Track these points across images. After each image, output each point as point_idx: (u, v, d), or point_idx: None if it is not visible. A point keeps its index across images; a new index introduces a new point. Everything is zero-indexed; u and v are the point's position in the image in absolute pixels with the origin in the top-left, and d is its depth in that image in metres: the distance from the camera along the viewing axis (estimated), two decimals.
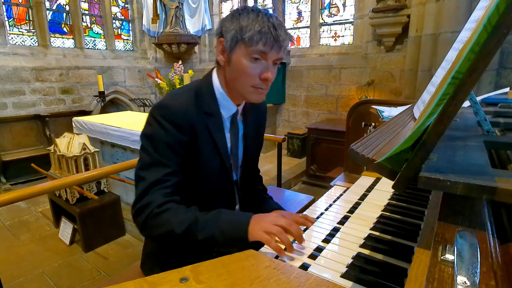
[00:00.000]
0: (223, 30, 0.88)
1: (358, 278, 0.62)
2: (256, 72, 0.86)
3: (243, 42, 0.83)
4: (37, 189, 1.40)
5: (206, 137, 0.92)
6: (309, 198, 1.77)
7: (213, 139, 0.93)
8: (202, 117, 0.91)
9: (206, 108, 0.92)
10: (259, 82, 0.88)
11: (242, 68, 0.86)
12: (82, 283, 2.04)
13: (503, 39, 0.39)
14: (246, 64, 0.85)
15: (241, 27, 0.83)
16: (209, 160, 0.94)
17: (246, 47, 0.84)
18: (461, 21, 2.74)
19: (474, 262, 0.36)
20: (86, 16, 5.22)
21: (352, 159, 0.61)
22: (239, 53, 0.86)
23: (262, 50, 0.83)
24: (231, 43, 0.86)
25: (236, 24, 0.84)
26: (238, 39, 0.84)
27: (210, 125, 0.92)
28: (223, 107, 0.96)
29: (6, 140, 4.02)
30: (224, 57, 0.90)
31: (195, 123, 0.89)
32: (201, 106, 0.92)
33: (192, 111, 0.89)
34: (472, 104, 0.82)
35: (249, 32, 0.82)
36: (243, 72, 0.86)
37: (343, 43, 4.59)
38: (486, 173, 0.46)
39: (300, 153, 4.50)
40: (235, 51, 0.86)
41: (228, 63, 0.89)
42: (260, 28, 0.81)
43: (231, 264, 0.51)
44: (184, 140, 0.88)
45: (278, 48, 0.85)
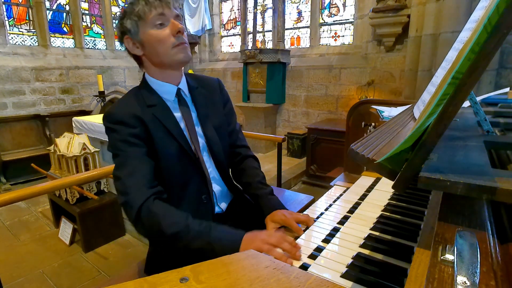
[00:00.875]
0: (123, 29, 0.97)
1: (358, 278, 0.62)
2: (166, 33, 0.94)
3: (139, 19, 0.93)
4: (37, 189, 1.40)
5: (156, 125, 0.96)
6: (309, 198, 1.77)
7: (164, 125, 0.97)
8: (146, 110, 0.97)
9: (148, 101, 0.98)
10: (175, 39, 0.95)
11: (154, 38, 0.94)
12: (82, 283, 2.04)
13: (503, 39, 0.39)
14: (155, 32, 0.94)
15: (131, 12, 0.94)
16: (166, 146, 0.97)
17: (145, 21, 0.93)
18: (461, 21, 2.74)
19: (474, 262, 0.36)
20: (86, 16, 5.22)
21: (352, 159, 0.61)
22: (143, 31, 0.94)
23: (156, 13, 0.92)
24: (133, 29, 0.95)
25: (127, 16, 0.95)
26: (136, 21, 0.94)
27: (156, 114, 0.97)
28: (164, 93, 1.02)
29: (6, 140, 4.02)
30: (137, 46, 0.98)
31: (140, 115, 0.95)
32: (142, 101, 0.98)
33: (134, 107, 0.96)
34: (472, 104, 0.82)
35: (137, 9, 0.92)
36: (157, 39, 0.94)
37: (343, 43, 4.59)
38: (486, 173, 0.46)
39: (300, 153, 4.50)
40: (140, 32, 0.95)
41: (143, 47, 0.97)
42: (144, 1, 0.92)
43: (231, 264, 0.51)
44: (136, 133, 0.93)
45: (167, 4, 0.94)
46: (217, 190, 1.11)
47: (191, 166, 1.02)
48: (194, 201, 1.04)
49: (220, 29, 6.04)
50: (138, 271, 1.12)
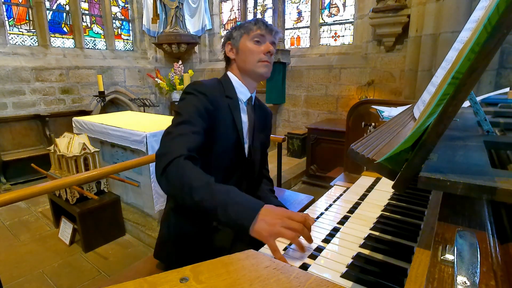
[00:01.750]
0: (229, 35, 1.19)
1: (358, 278, 0.62)
2: (259, 49, 1.13)
3: (245, 33, 1.15)
4: (37, 189, 1.40)
5: (226, 113, 1.12)
6: (309, 198, 1.78)
7: (233, 116, 1.13)
8: (224, 99, 1.13)
9: (227, 92, 1.15)
10: (264, 56, 1.13)
11: (249, 49, 1.14)
12: (82, 283, 2.04)
13: (503, 39, 0.39)
14: (251, 46, 1.14)
15: (241, 27, 1.17)
16: (227, 133, 1.11)
17: (248, 35, 1.14)
18: (461, 21, 2.74)
19: (474, 262, 0.36)
20: (86, 16, 5.22)
21: (352, 159, 0.61)
22: (243, 41, 1.15)
23: (259, 33, 1.13)
24: (236, 38, 1.16)
25: (239, 28, 1.18)
26: (241, 33, 1.16)
27: (230, 105, 1.13)
28: (240, 93, 1.18)
29: (6, 140, 4.02)
30: (233, 52, 1.18)
31: (218, 99, 1.10)
32: (223, 90, 1.15)
33: (218, 92, 1.13)
34: (472, 104, 0.82)
35: (247, 26, 1.15)
36: (251, 51, 1.14)
37: (343, 43, 4.59)
38: (486, 173, 0.46)
39: (300, 153, 4.50)
40: (241, 41, 1.15)
41: (237, 53, 1.17)
42: (254, 21, 1.15)
43: (231, 264, 0.51)
44: (210, 109, 1.05)
45: (270, 32, 1.14)
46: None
47: (239, 159, 1.16)
48: None
49: (220, 29, 6.04)
50: (138, 271, 1.12)
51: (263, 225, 0.75)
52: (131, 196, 2.82)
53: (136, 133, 2.43)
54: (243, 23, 1.17)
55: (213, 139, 1.08)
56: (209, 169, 1.02)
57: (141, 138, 2.39)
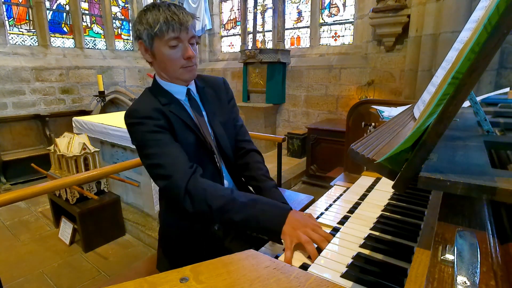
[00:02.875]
0: (138, 33, 1.01)
1: (358, 278, 0.62)
2: (178, 55, 1.01)
3: (156, 36, 0.98)
4: (37, 189, 1.40)
5: (175, 119, 1.03)
6: (309, 198, 1.77)
7: (181, 119, 1.04)
8: (164, 107, 1.03)
9: (162, 101, 1.04)
10: (185, 62, 1.02)
11: (166, 57, 1.00)
12: (82, 283, 2.04)
13: (503, 39, 0.39)
14: (167, 52, 1.00)
15: (150, 24, 0.97)
16: (185, 136, 1.04)
17: (161, 39, 0.98)
18: (461, 21, 2.74)
19: (474, 262, 0.36)
20: (86, 16, 5.22)
21: (352, 159, 0.61)
22: (157, 46, 1.00)
23: (173, 36, 0.97)
24: (148, 40, 1.00)
25: (145, 23, 0.98)
26: (152, 35, 0.98)
27: (173, 110, 1.04)
28: (175, 93, 1.08)
29: (6, 140, 4.02)
30: (149, 54, 1.04)
31: (162, 110, 1.02)
32: (158, 100, 1.04)
33: (155, 103, 1.03)
34: (472, 104, 0.82)
35: (157, 26, 0.96)
36: (168, 59, 1.01)
37: (343, 43, 4.59)
38: (486, 173, 0.46)
39: (300, 153, 4.50)
40: (154, 46, 1.00)
41: (154, 58, 1.04)
42: (163, 19, 0.95)
43: (231, 264, 0.51)
44: (161, 124, 0.99)
45: (186, 29, 0.98)
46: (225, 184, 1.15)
47: (206, 157, 1.10)
48: None
49: (220, 29, 6.04)
50: (138, 271, 1.12)
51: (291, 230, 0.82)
52: (131, 196, 2.82)
53: None
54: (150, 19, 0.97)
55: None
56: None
57: None
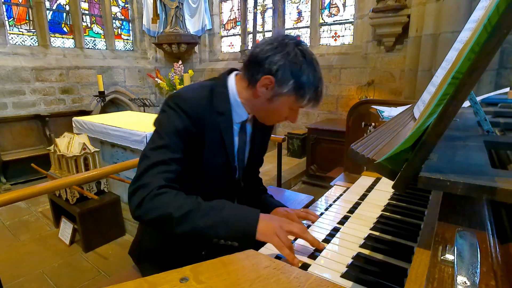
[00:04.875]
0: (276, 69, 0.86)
1: (358, 278, 0.62)
2: (285, 115, 0.95)
3: (293, 96, 0.88)
4: (37, 189, 1.40)
5: (215, 133, 0.94)
6: (309, 198, 1.77)
7: (222, 137, 0.95)
8: (213, 115, 0.93)
9: (219, 108, 0.94)
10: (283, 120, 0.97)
11: (276, 110, 0.93)
12: (82, 283, 2.04)
13: (503, 39, 0.39)
14: (282, 109, 0.92)
15: (301, 85, 0.87)
16: (215, 155, 0.95)
17: (295, 101, 0.90)
18: (461, 21, 2.74)
19: (474, 262, 0.36)
20: (86, 16, 5.22)
21: (352, 159, 0.61)
22: (283, 101, 0.90)
23: (302, 106, 0.91)
24: (282, 90, 0.88)
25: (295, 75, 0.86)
26: (292, 93, 0.88)
27: (220, 124, 0.94)
28: (234, 112, 0.98)
29: (6, 140, 4.02)
30: (267, 95, 0.90)
31: (205, 118, 0.91)
32: (214, 104, 0.94)
33: (204, 106, 0.92)
34: (472, 104, 0.82)
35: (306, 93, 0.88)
36: (277, 114, 0.94)
37: (343, 43, 4.59)
38: (486, 173, 0.46)
39: (300, 153, 4.50)
40: (280, 99, 0.90)
41: (267, 102, 0.92)
42: (315, 90, 0.88)
43: (231, 264, 0.51)
44: (192, 131, 0.90)
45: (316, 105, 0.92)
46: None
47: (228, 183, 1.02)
48: None
49: (220, 29, 6.04)
50: (138, 271, 1.12)
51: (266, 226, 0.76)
52: None
53: (136, 133, 2.43)
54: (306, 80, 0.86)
55: (199, 159, 0.94)
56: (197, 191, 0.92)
57: (141, 138, 2.39)
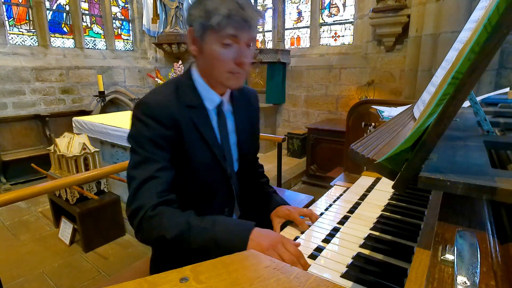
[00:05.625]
0: (190, 18, 0.85)
1: (358, 278, 0.62)
2: (230, 57, 0.84)
3: (211, 29, 0.81)
4: (37, 189, 1.40)
5: (191, 130, 0.89)
6: (309, 198, 1.77)
7: (200, 132, 0.90)
8: (184, 111, 0.88)
9: (188, 101, 0.90)
10: (235, 67, 0.86)
11: (215, 55, 0.84)
12: (82, 283, 2.04)
13: (503, 39, 0.39)
14: (218, 50, 0.83)
15: (207, 13, 0.80)
16: (198, 153, 0.91)
17: (215, 33, 0.81)
18: (461, 21, 2.74)
19: (474, 262, 0.36)
20: (86, 16, 5.22)
21: (352, 159, 0.61)
22: (209, 40, 0.83)
23: (233, 34, 0.81)
24: (199, 31, 0.84)
25: (202, 10, 0.81)
26: (206, 27, 0.81)
27: (194, 118, 0.89)
28: (206, 99, 0.93)
29: (6, 140, 4.02)
30: (196, 47, 0.88)
31: (177, 117, 0.87)
32: (182, 99, 0.89)
33: (173, 105, 0.87)
34: (472, 104, 0.82)
35: (215, 17, 0.79)
36: (217, 59, 0.84)
37: (343, 43, 4.59)
38: (486, 173, 0.46)
39: (300, 153, 4.50)
40: (206, 39, 0.84)
41: (201, 52, 0.88)
42: (227, 11, 0.78)
43: (231, 264, 0.51)
44: (168, 135, 0.86)
45: (249, 28, 0.82)
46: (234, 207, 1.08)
47: (220, 178, 0.97)
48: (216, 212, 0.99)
49: None
50: (138, 271, 1.12)
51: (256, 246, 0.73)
52: None
53: None
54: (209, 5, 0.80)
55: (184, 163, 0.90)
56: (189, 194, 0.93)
57: None
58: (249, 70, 0.91)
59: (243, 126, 1.03)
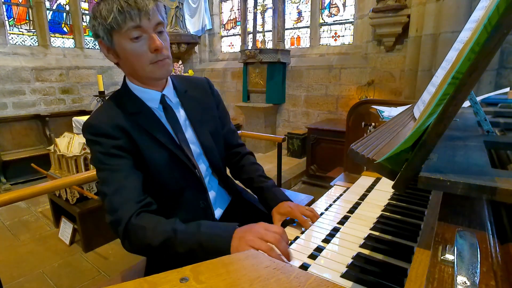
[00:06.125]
0: (94, 30, 0.86)
1: (358, 278, 0.62)
2: (143, 48, 0.85)
3: (113, 29, 0.82)
4: (37, 189, 1.40)
5: (142, 134, 0.90)
6: (309, 198, 1.77)
7: (150, 133, 0.90)
8: (129, 118, 0.90)
9: (130, 109, 0.91)
10: (154, 55, 0.86)
11: (129, 52, 0.85)
12: (82, 283, 2.04)
13: (503, 39, 0.39)
14: (130, 47, 0.84)
15: (102, 17, 0.81)
16: (155, 154, 0.91)
17: (119, 32, 0.82)
18: (461, 21, 2.74)
19: (474, 262, 0.36)
20: (86, 16, 5.22)
21: (352, 159, 0.61)
22: (118, 41, 0.84)
23: (133, 25, 0.81)
24: (106, 36, 0.85)
25: (99, 17, 0.82)
26: (108, 29, 0.83)
27: (141, 122, 0.90)
28: (147, 100, 0.95)
29: (6, 140, 4.02)
30: (113, 55, 0.89)
31: (124, 125, 0.88)
32: (124, 108, 0.91)
33: (115, 117, 0.88)
34: (472, 104, 0.82)
35: (110, 17, 0.80)
36: (133, 55, 0.85)
37: (343, 43, 4.59)
38: (486, 173, 0.46)
39: (300, 153, 4.50)
40: (114, 42, 0.85)
41: (118, 57, 0.89)
42: (117, 7, 0.79)
43: (231, 264, 0.51)
44: (120, 144, 0.86)
45: (147, 15, 0.82)
46: (212, 196, 1.07)
47: (185, 174, 0.97)
48: (191, 208, 1.00)
49: (220, 29, 6.03)
50: (138, 271, 1.12)
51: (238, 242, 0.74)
52: None
53: None
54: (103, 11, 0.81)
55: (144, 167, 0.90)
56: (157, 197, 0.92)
57: None
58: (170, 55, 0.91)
59: (198, 117, 1.03)
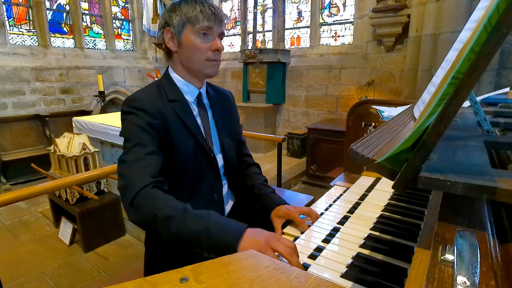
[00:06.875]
0: (167, 19, 1.00)
1: (358, 278, 0.62)
2: (206, 45, 0.99)
3: (189, 23, 0.97)
4: (37, 189, 1.40)
5: (176, 121, 0.99)
6: (309, 198, 1.77)
7: (183, 122, 1.00)
8: (167, 105, 0.99)
9: (170, 96, 1.01)
10: (212, 54, 1.00)
11: (193, 45, 0.98)
12: (82, 283, 2.04)
13: (503, 39, 0.39)
14: (196, 40, 0.98)
15: (185, 13, 0.97)
16: (183, 141, 0.99)
17: (193, 26, 0.97)
18: (461, 21, 2.74)
19: (474, 262, 0.36)
20: (86, 16, 5.22)
21: (352, 159, 0.61)
22: (187, 33, 0.98)
23: (207, 25, 0.97)
24: (178, 27, 0.98)
25: (179, 12, 0.98)
26: (185, 22, 0.97)
27: (177, 110, 1.00)
28: (186, 93, 1.05)
29: (6, 140, 4.02)
30: (174, 43, 1.01)
31: (162, 109, 0.97)
32: (164, 95, 1.01)
33: (157, 100, 0.98)
34: (472, 104, 0.82)
35: (192, 13, 0.96)
36: (196, 48, 0.98)
37: (343, 43, 4.59)
38: (486, 173, 0.46)
39: (300, 153, 4.50)
40: (184, 33, 0.98)
41: (180, 46, 1.01)
42: (200, 8, 0.96)
43: (231, 264, 0.51)
44: (155, 123, 0.94)
45: (220, 22, 0.99)
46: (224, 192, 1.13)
47: (206, 163, 1.05)
48: (206, 198, 1.06)
49: None
50: (138, 271, 1.12)
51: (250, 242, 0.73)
52: None
53: None
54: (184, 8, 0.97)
55: (171, 151, 0.97)
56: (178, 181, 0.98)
57: None
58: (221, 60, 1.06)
59: (221, 121, 1.14)
